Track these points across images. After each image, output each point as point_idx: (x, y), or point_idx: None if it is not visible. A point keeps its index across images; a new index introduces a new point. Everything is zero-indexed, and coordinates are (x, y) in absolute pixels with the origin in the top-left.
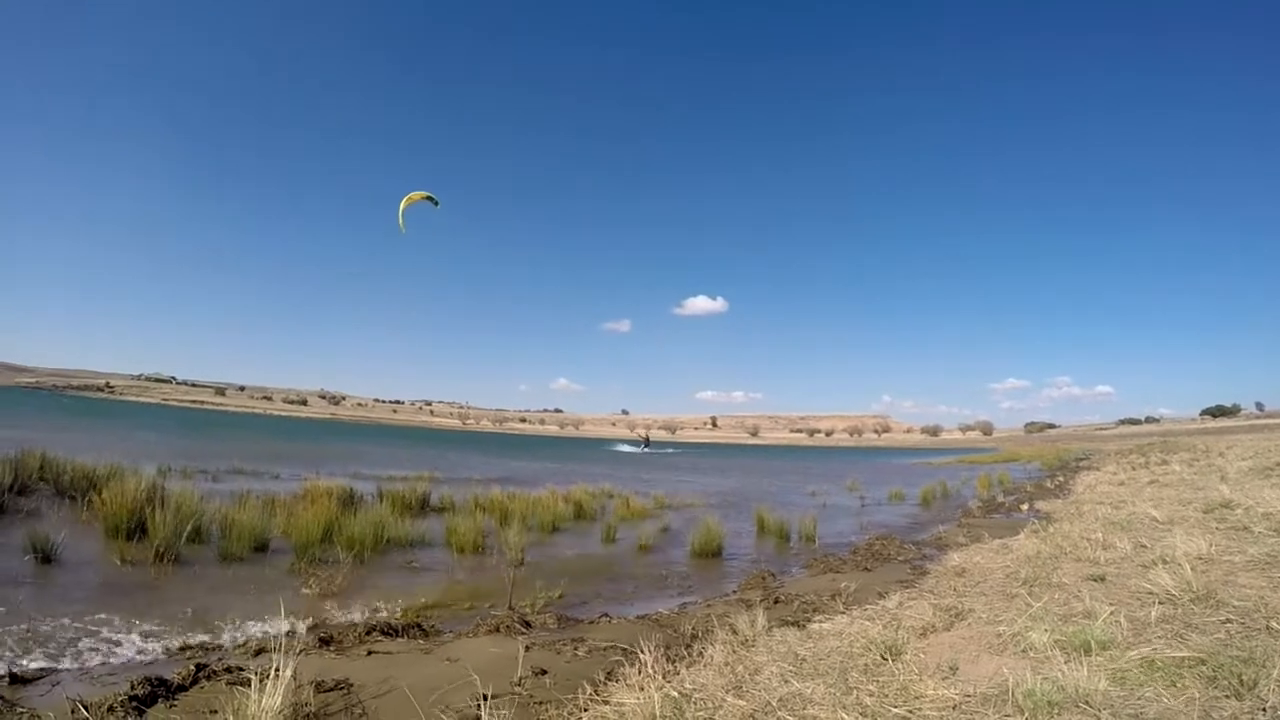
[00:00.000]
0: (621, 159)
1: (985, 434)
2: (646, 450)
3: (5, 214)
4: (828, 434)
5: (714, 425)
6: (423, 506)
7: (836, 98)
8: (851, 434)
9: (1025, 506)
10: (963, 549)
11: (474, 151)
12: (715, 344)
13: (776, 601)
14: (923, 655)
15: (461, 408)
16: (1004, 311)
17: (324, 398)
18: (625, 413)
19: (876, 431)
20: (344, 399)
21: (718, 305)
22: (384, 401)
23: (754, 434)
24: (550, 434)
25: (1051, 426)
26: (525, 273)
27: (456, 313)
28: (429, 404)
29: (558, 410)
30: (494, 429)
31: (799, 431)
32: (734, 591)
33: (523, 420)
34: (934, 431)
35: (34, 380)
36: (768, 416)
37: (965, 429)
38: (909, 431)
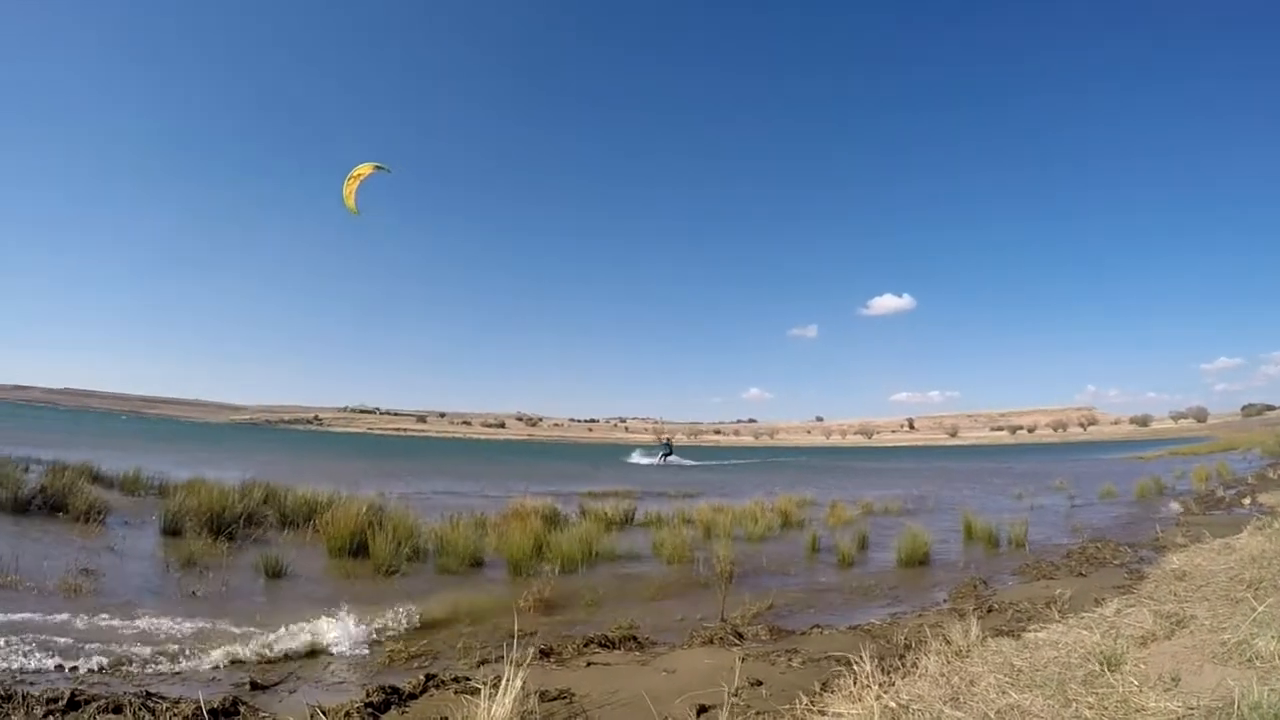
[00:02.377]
0: (795, 163)
1: (1199, 420)
2: (665, 462)
3: (217, 267)
4: (1030, 430)
5: (911, 427)
6: (627, 522)
7: (1021, 87)
8: (1055, 429)
9: (1247, 500)
10: (1182, 550)
11: (652, 173)
12: (906, 343)
13: (989, 610)
14: (1143, 665)
15: (656, 423)
16: (1209, 283)
17: (521, 420)
18: (820, 419)
19: (1081, 425)
20: (540, 420)
21: (905, 303)
22: (579, 421)
23: (953, 434)
24: (744, 444)
25: (1271, 408)
26: (711, 283)
27: (647, 328)
28: (624, 421)
29: (751, 420)
30: (689, 442)
31: (999, 429)
32: (945, 600)
33: (717, 432)
34: (1143, 422)
35: (247, 417)
36: (966, 415)
37: (1177, 417)
38: (1116, 423)
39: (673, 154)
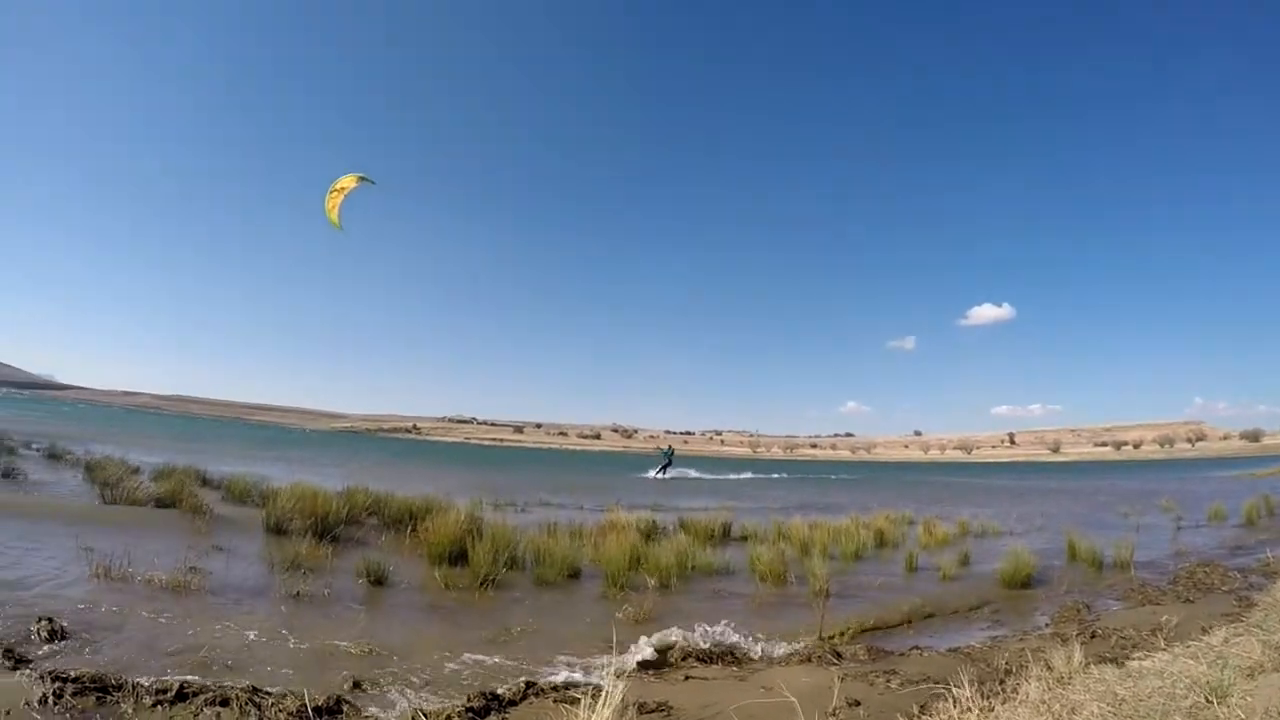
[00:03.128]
0: (890, 169)
1: None
2: (664, 475)
3: (321, 276)
4: (1135, 446)
5: (1011, 442)
6: (724, 536)
7: (1120, 95)
8: (1161, 445)
9: None
10: None
11: (749, 182)
12: (1006, 355)
13: (1092, 636)
14: (1250, 698)
15: (751, 436)
16: None
17: (616, 431)
18: (918, 434)
19: (1189, 440)
20: (636, 432)
21: (1004, 313)
22: (675, 433)
23: (1055, 450)
24: (841, 458)
25: None
26: (807, 294)
27: (743, 340)
28: (719, 433)
29: (848, 434)
30: (784, 456)
31: (1103, 445)
32: (1046, 625)
33: (813, 446)
34: (1254, 437)
35: (348, 425)
36: (1069, 430)
37: None
38: (1225, 438)
39: (770, 160)
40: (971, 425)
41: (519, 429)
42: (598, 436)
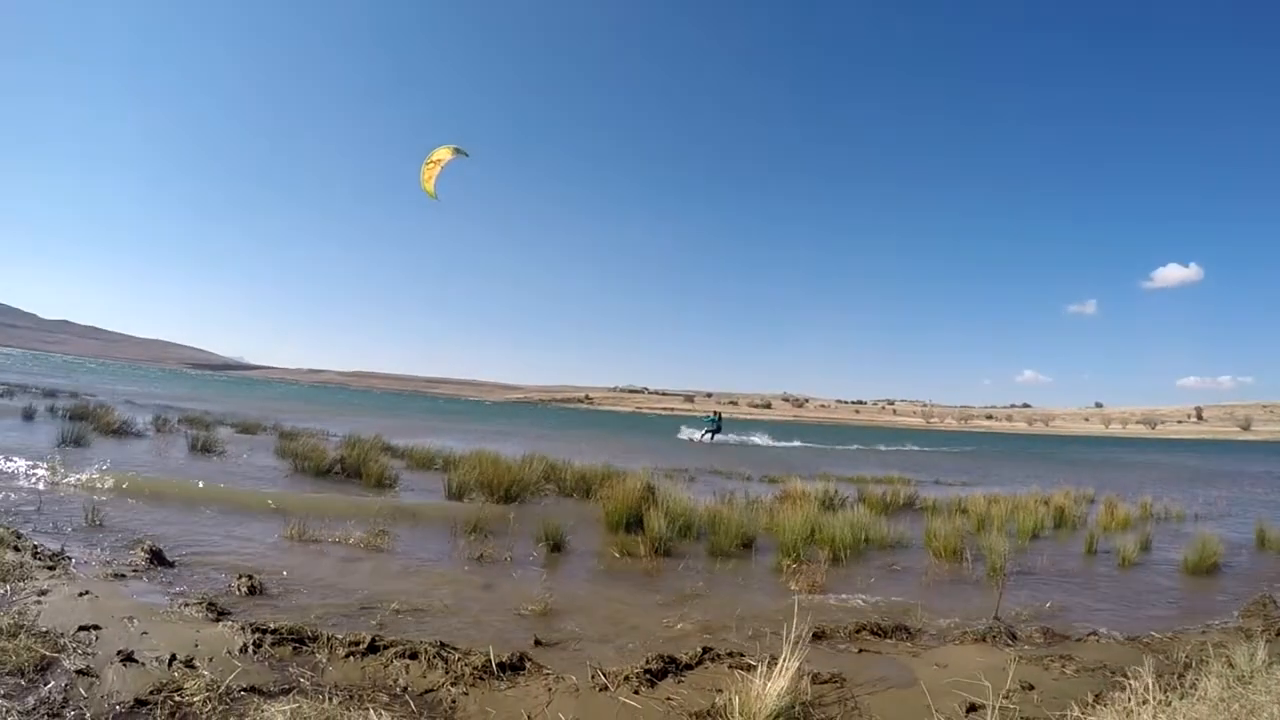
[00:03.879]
0: (1069, 128)
1: None
2: (711, 440)
3: (492, 259)
4: None
5: (1199, 418)
6: (904, 507)
7: None
8: None
9: None
10: None
11: (919, 144)
12: (1193, 320)
13: (1279, 634)
14: None
15: (924, 406)
16: None
17: (787, 400)
18: (1099, 405)
19: None
20: (806, 401)
21: (1191, 273)
22: (846, 402)
23: (1245, 427)
24: (1017, 430)
25: None
26: (983, 258)
27: (916, 306)
28: (891, 403)
29: (1025, 405)
30: (959, 427)
31: None
32: (1231, 618)
33: (989, 417)
34: None
35: (522, 396)
36: (1261, 406)
37: None
38: None
39: (948, 123)
40: (1156, 397)
41: (689, 398)
42: (768, 406)
